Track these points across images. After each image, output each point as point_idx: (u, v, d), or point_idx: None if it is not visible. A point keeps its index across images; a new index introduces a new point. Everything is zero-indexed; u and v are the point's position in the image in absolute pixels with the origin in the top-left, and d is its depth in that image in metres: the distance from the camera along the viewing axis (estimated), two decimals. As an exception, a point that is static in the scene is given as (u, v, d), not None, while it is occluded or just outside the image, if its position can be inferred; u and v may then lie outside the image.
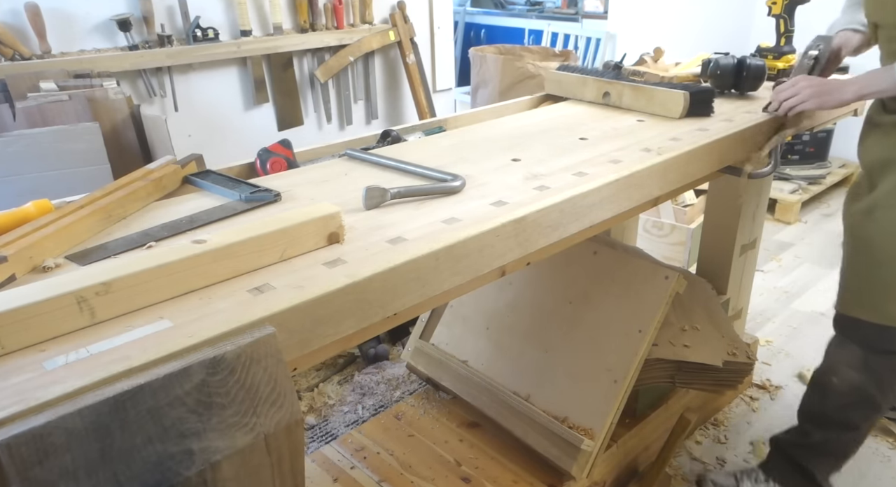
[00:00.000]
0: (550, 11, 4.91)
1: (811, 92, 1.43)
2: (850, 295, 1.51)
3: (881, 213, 1.41)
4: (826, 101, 1.43)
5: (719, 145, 1.43)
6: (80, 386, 0.62)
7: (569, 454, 1.48)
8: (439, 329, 1.88)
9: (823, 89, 1.43)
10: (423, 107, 3.34)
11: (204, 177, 1.19)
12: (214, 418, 0.69)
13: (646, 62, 2.15)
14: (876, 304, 1.45)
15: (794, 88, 1.46)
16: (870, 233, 1.43)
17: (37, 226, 0.91)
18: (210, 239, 0.85)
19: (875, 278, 1.44)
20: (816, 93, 1.43)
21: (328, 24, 2.96)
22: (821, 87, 1.43)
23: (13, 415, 0.59)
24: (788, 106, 1.46)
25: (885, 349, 1.49)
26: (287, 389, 0.75)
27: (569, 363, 1.58)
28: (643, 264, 1.57)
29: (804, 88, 1.44)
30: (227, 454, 0.70)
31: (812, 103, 1.43)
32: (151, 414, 0.64)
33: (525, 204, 1.07)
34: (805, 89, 1.44)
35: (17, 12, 2.19)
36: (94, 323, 0.75)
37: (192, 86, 2.67)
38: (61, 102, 1.79)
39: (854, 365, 1.53)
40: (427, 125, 1.61)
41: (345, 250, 0.93)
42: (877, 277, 1.44)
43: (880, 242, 1.41)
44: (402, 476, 1.58)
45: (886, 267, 1.42)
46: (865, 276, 1.47)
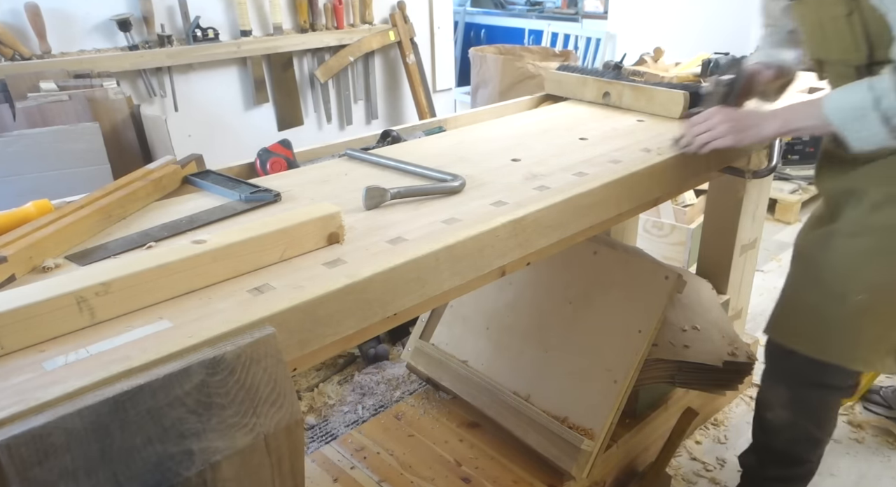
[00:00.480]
0: (550, 11, 4.91)
1: (727, 127, 1.26)
2: (788, 324, 1.41)
3: (839, 242, 1.29)
4: (743, 138, 1.27)
5: (719, 145, 1.43)
6: (79, 387, 0.62)
7: (569, 454, 1.48)
8: (439, 329, 1.88)
9: (741, 124, 1.27)
10: (423, 107, 3.34)
11: (204, 177, 1.19)
12: (214, 418, 0.69)
13: (646, 62, 2.15)
14: (814, 337, 1.34)
15: (708, 122, 1.29)
16: (823, 262, 1.32)
17: (37, 226, 0.91)
18: (210, 239, 0.85)
19: (820, 310, 1.32)
20: (733, 128, 1.26)
21: (328, 24, 2.96)
22: (738, 122, 1.27)
23: (13, 416, 0.59)
24: (702, 142, 1.29)
25: (817, 382, 1.40)
26: (287, 389, 0.75)
27: (569, 363, 1.58)
28: (643, 264, 1.57)
29: (720, 123, 1.27)
30: (226, 454, 0.70)
31: (728, 140, 1.27)
32: (151, 415, 0.64)
33: (525, 204, 1.07)
34: (721, 124, 1.27)
35: (17, 12, 2.19)
36: (94, 324, 0.75)
37: (192, 86, 2.67)
38: (61, 102, 1.79)
39: (785, 404, 1.45)
40: (427, 125, 1.61)
41: (345, 250, 0.93)
42: (822, 309, 1.32)
43: (832, 273, 1.30)
44: (402, 476, 1.58)
45: (833, 301, 1.30)
46: (809, 307, 1.35)
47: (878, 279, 1.26)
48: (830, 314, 1.31)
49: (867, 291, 1.26)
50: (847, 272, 1.28)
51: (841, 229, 1.30)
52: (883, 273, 1.25)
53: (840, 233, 1.29)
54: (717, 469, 1.85)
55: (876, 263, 1.25)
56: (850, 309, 1.28)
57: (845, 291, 1.28)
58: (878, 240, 1.24)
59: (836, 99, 1.17)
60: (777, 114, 1.26)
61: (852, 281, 1.28)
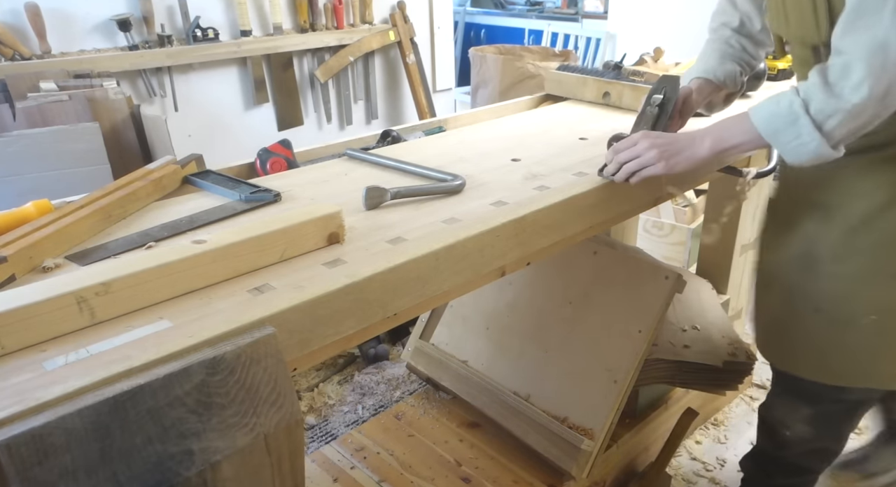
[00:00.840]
0: (550, 11, 4.91)
1: (656, 154, 1.11)
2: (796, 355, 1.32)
3: (826, 269, 1.21)
4: (676, 164, 1.12)
5: (719, 145, 1.43)
6: (79, 387, 0.62)
7: (569, 454, 1.48)
8: (439, 329, 1.88)
9: (671, 149, 1.12)
10: (423, 107, 3.34)
11: (204, 177, 1.19)
12: (214, 418, 0.69)
13: (646, 62, 2.15)
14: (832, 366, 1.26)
15: (634, 149, 1.13)
16: (816, 291, 1.24)
17: (37, 226, 0.91)
18: (210, 239, 0.85)
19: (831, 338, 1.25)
20: (662, 154, 1.12)
21: (328, 24, 2.96)
22: (668, 147, 1.12)
23: (13, 416, 0.59)
24: (629, 170, 1.13)
25: (840, 399, 1.32)
26: (287, 389, 0.75)
27: (569, 363, 1.58)
28: (643, 264, 1.57)
29: (647, 149, 1.12)
30: (227, 454, 0.70)
31: (658, 167, 1.12)
32: (151, 415, 0.64)
33: (525, 204, 1.07)
34: (648, 151, 1.12)
35: (17, 12, 2.19)
36: (94, 324, 0.75)
37: (192, 86, 2.67)
38: (61, 102, 1.79)
39: (807, 420, 1.37)
40: (427, 125, 1.61)
41: (345, 250, 0.93)
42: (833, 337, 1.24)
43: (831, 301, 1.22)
44: (402, 476, 1.58)
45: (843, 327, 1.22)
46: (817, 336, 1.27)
47: (881, 299, 1.20)
48: (843, 340, 1.24)
49: (877, 312, 1.20)
50: (846, 297, 1.21)
51: (822, 255, 1.22)
52: (884, 292, 1.19)
53: (823, 260, 1.22)
54: (717, 469, 1.85)
55: (878, 283, 1.19)
56: (865, 332, 1.22)
57: (853, 315, 1.21)
58: (869, 260, 1.18)
59: (764, 108, 1.07)
60: (708, 132, 1.13)
61: (857, 304, 1.21)
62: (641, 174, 1.14)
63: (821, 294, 1.23)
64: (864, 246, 1.18)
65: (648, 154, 1.12)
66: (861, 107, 0.96)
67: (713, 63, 1.36)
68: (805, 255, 1.25)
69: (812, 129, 1.00)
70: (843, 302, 1.22)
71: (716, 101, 1.43)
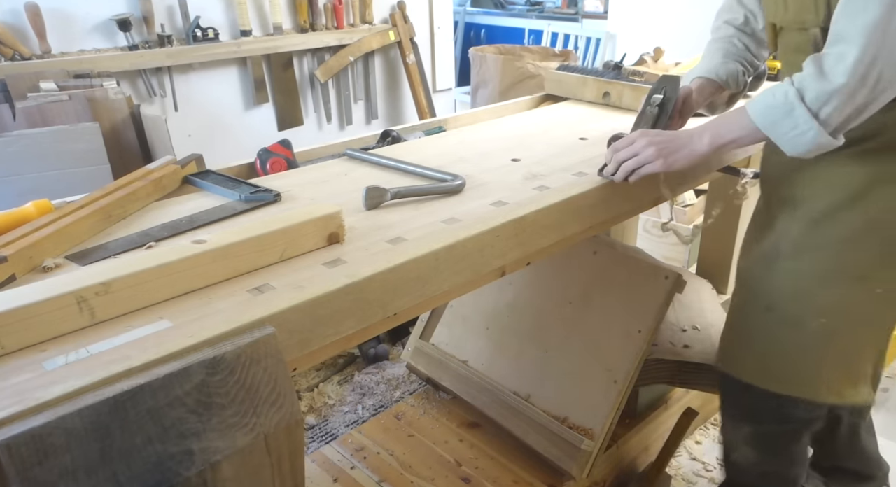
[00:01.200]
0: (550, 11, 4.91)
1: (654, 152, 1.11)
2: (741, 356, 1.28)
3: (782, 265, 1.19)
4: (675, 161, 1.12)
5: (719, 145, 1.43)
6: (79, 387, 0.62)
7: (569, 454, 1.48)
8: (439, 329, 1.88)
9: (670, 147, 1.12)
10: (423, 107, 3.34)
11: (204, 177, 1.19)
12: (214, 418, 0.69)
13: (646, 62, 2.15)
14: (773, 370, 1.22)
15: (632, 148, 1.13)
16: (770, 287, 1.20)
17: (37, 226, 0.91)
18: (210, 239, 0.85)
19: (776, 339, 1.21)
20: (661, 152, 1.11)
21: (328, 24, 2.96)
22: (666, 145, 1.12)
23: (13, 415, 0.59)
24: (628, 169, 1.13)
25: (781, 417, 1.28)
26: (287, 389, 0.75)
27: (569, 363, 1.58)
28: (643, 264, 1.57)
29: (645, 147, 1.12)
30: (226, 454, 0.70)
31: (657, 165, 1.12)
32: (151, 415, 0.64)
33: (525, 204, 1.07)
34: (646, 148, 1.12)
35: (17, 12, 2.19)
36: (94, 324, 0.75)
37: (192, 86, 2.67)
38: (61, 102, 1.79)
39: (749, 441, 1.34)
40: (427, 125, 1.61)
41: (345, 250, 0.93)
42: (779, 338, 1.21)
43: (783, 298, 1.19)
44: (402, 476, 1.58)
45: (790, 328, 1.19)
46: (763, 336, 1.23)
47: (835, 301, 1.16)
48: (788, 342, 1.20)
49: (826, 315, 1.16)
50: (798, 295, 1.17)
51: (782, 250, 1.19)
52: (839, 294, 1.15)
53: (782, 255, 1.19)
54: (717, 469, 1.84)
55: (833, 283, 1.15)
56: (811, 336, 1.17)
57: (801, 316, 1.17)
58: (827, 257, 1.15)
59: (760, 100, 1.07)
60: (706, 128, 1.13)
61: (808, 304, 1.17)
62: (640, 172, 1.13)
63: (774, 291, 1.20)
64: (825, 242, 1.15)
65: (647, 152, 1.12)
66: (853, 87, 0.95)
67: (716, 62, 1.34)
68: (769, 252, 1.22)
69: (809, 118, 0.99)
70: (795, 300, 1.18)
71: (718, 102, 1.42)
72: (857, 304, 1.16)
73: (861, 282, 1.15)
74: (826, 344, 1.18)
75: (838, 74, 0.96)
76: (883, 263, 1.14)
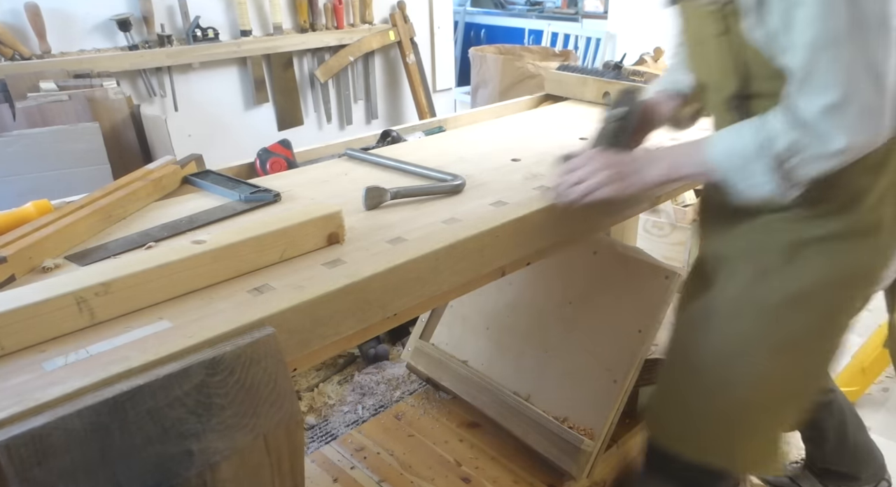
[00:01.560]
0: (550, 11, 4.91)
1: (607, 176, 1.02)
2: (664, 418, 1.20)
3: (717, 325, 1.10)
4: (627, 187, 1.03)
5: (719, 145, 1.43)
6: (79, 387, 0.62)
7: (569, 454, 1.48)
8: (439, 329, 1.88)
9: (624, 170, 1.03)
10: (423, 107, 3.34)
11: (204, 178, 1.19)
12: (214, 419, 0.69)
13: (646, 62, 2.15)
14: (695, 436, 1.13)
15: (585, 170, 1.04)
16: (703, 347, 1.12)
17: (36, 226, 0.91)
18: (210, 239, 0.85)
19: (700, 404, 1.12)
20: (615, 175, 1.03)
21: (328, 24, 2.96)
22: (621, 168, 1.03)
23: (12, 416, 0.59)
24: (579, 193, 1.04)
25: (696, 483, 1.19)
26: (287, 389, 0.75)
27: (569, 363, 1.58)
28: (643, 264, 1.57)
29: (598, 170, 1.03)
30: (226, 454, 0.70)
31: (608, 190, 1.03)
32: (151, 415, 0.64)
33: (525, 204, 1.07)
34: (600, 171, 1.03)
35: (17, 12, 2.19)
36: (94, 324, 0.75)
37: (192, 86, 2.67)
38: (61, 102, 1.79)
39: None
40: (427, 125, 1.61)
41: (345, 250, 0.93)
42: (703, 404, 1.12)
43: (713, 361, 1.10)
44: (402, 476, 1.58)
45: (715, 395, 1.10)
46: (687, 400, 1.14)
47: (761, 371, 1.07)
48: (712, 409, 1.11)
49: (752, 383, 1.08)
50: (729, 361, 1.08)
51: (719, 308, 1.10)
52: (765, 364, 1.07)
53: (718, 314, 1.10)
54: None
55: (757, 353, 1.07)
56: (734, 404, 1.09)
57: (728, 382, 1.09)
58: (753, 325, 1.07)
59: (723, 141, 0.97)
60: (663, 156, 1.04)
61: (736, 371, 1.08)
62: (591, 197, 1.04)
63: (702, 353, 1.12)
64: (754, 308, 1.07)
65: (600, 175, 1.03)
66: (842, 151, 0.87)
67: (679, 74, 1.25)
68: (700, 311, 1.14)
69: (769, 172, 0.91)
70: (721, 366, 1.10)
71: (682, 117, 1.31)
72: (782, 376, 1.08)
73: (786, 352, 1.06)
74: (750, 413, 1.10)
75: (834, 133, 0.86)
76: (811, 334, 1.06)
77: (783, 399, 1.11)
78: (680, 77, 1.25)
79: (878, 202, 1.00)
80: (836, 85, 0.84)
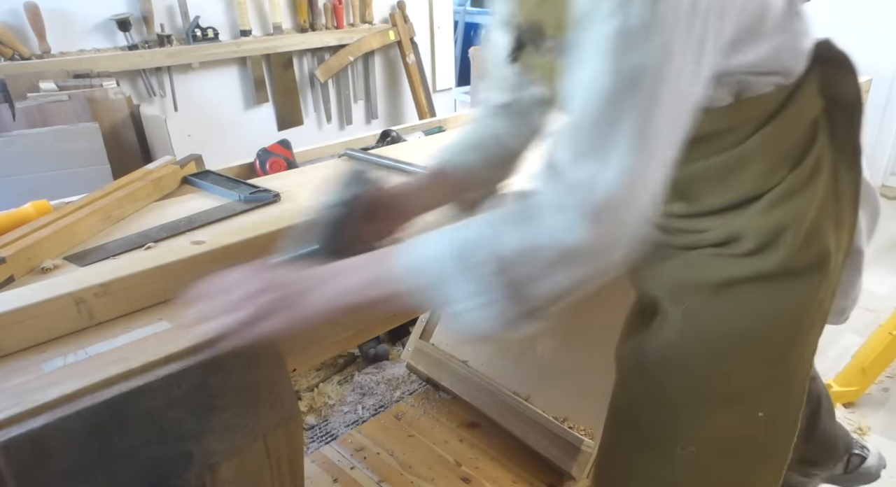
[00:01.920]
0: (550, 11, 4.90)
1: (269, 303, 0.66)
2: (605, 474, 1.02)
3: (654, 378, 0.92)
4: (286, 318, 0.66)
5: (719, 145, 1.42)
6: (78, 388, 0.62)
7: (569, 454, 1.48)
8: (439, 329, 1.87)
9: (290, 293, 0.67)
10: (423, 107, 3.34)
11: (203, 178, 1.19)
12: (213, 419, 0.68)
13: (646, 62, 2.14)
14: None
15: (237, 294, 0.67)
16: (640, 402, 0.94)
17: (35, 226, 0.91)
18: (209, 239, 0.85)
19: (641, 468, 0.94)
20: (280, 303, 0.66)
21: (328, 24, 2.96)
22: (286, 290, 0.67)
23: (11, 417, 0.58)
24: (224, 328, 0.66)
25: None
26: (286, 390, 0.75)
27: (569, 363, 1.58)
28: (643, 264, 1.57)
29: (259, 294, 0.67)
30: (226, 455, 0.70)
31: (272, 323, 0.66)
32: (150, 416, 0.64)
33: (525, 204, 1.06)
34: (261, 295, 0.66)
35: (17, 12, 2.19)
36: (93, 325, 0.75)
37: (191, 85, 2.67)
38: (61, 102, 1.79)
39: None
40: (427, 125, 1.61)
41: (344, 251, 0.92)
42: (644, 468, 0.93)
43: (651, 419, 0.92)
44: (402, 476, 1.58)
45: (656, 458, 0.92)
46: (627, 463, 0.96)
47: (704, 426, 0.89)
48: (655, 471, 0.92)
49: (695, 442, 0.89)
50: (664, 414, 0.91)
51: (648, 356, 0.93)
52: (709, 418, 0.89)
53: (648, 363, 0.92)
54: (718, 469, 1.84)
55: (699, 406, 0.89)
56: (679, 467, 0.90)
57: (668, 440, 0.91)
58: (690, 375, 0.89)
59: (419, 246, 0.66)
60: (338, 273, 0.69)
61: (673, 427, 0.90)
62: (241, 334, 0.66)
63: (640, 403, 0.95)
64: (690, 355, 0.88)
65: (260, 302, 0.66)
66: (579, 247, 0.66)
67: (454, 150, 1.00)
68: (636, 354, 0.95)
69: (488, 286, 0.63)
70: (660, 420, 0.92)
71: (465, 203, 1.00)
72: (733, 431, 0.89)
73: (736, 405, 0.88)
74: (697, 475, 0.91)
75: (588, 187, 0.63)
76: (761, 383, 0.88)
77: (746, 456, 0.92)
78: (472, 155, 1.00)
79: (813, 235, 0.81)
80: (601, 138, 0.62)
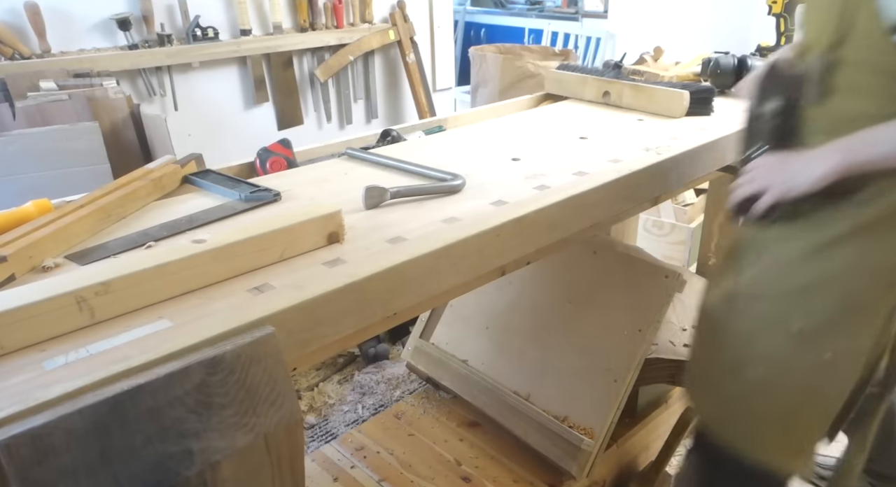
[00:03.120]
0: (550, 11, 4.91)
1: (768, 180, 1.00)
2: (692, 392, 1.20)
3: (741, 305, 1.09)
4: (794, 187, 0.97)
5: (719, 144, 1.43)
6: (79, 386, 0.62)
7: (569, 453, 1.48)
8: (439, 328, 1.88)
9: (786, 172, 0.98)
10: (423, 106, 3.34)
11: (203, 177, 1.19)
12: (214, 418, 0.69)
13: (646, 61, 2.15)
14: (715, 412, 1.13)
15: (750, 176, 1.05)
16: (726, 326, 1.11)
17: (36, 225, 0.91)
18: (209, 238, 0.85)
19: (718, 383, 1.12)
20: (778, 179, 0.98)
21: (328, 24, 2.96)
22: (781, 169, 0.99)
23: (13, 415, 0.59)
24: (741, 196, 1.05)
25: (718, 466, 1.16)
26: (287, 389, 0.75)
27: (569, 362, 1.58)
28: (643, 263, 1.57)
29: (760, 176, 1.02)
30: (226, 454, 0.70)
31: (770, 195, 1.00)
32: (151, 415, 0.64)
33: (525, 203, 1.07)
34: (762, 176, 1.01)
35: (17, 12, 2.18)
36: (94, 323, 0.75)
37: (191, 85, 2.67)
38: (61, 102, 1.79)
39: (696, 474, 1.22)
40: (427, 125, 1.61)
41: (345, 250, 0.92)
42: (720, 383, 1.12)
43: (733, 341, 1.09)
44: (402, 476, 1.58)
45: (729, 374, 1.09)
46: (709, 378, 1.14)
47: (775, 352, 1.05)
48: (729, 389, 1.10)
49: (765, 364, 1.05)
50: (746, 340, 1.07)
51: (743, 290, 1.09)
52: (782, 345, 1.04)
53: (742, 295, 1.09)
54: (717, 468, 1.84)
55: (775, 333, 1.05)
56: (746, 386, 1.07)
57: (743, 363, 1.07)
58: (775, 305, 1.05)
59: None
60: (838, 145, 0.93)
61: (750, 351, 1.07)
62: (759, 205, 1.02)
63: (729, 332, 1.10)
64: (780, 288, 1.05)
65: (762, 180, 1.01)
66: None
67: None
68: (729, 290, 1.12)
69: None
70: (741, 346, 1.08)
71: None
72: (799, 363, 1.04)
73: (807, 340, 1.03)
74: (762, 397, 1.07)
75: None
76: (834, 326, 1.01)
77: (803, 389, 1.05)
78: None
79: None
80: None
